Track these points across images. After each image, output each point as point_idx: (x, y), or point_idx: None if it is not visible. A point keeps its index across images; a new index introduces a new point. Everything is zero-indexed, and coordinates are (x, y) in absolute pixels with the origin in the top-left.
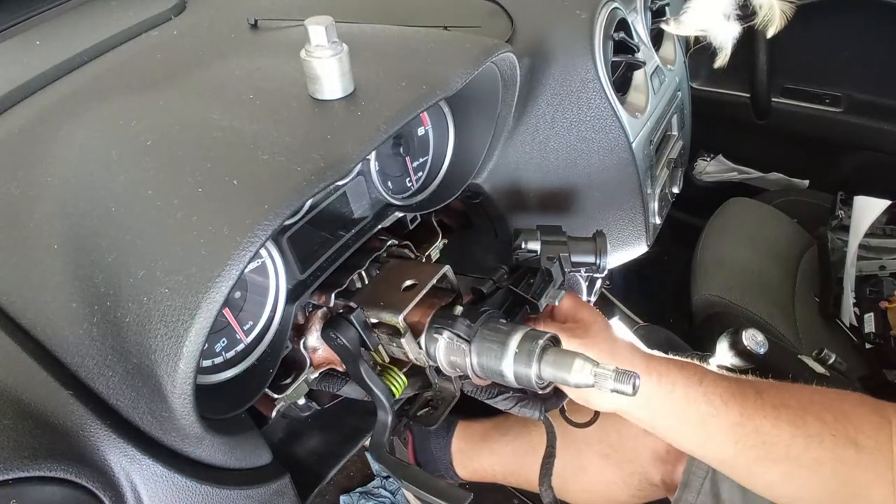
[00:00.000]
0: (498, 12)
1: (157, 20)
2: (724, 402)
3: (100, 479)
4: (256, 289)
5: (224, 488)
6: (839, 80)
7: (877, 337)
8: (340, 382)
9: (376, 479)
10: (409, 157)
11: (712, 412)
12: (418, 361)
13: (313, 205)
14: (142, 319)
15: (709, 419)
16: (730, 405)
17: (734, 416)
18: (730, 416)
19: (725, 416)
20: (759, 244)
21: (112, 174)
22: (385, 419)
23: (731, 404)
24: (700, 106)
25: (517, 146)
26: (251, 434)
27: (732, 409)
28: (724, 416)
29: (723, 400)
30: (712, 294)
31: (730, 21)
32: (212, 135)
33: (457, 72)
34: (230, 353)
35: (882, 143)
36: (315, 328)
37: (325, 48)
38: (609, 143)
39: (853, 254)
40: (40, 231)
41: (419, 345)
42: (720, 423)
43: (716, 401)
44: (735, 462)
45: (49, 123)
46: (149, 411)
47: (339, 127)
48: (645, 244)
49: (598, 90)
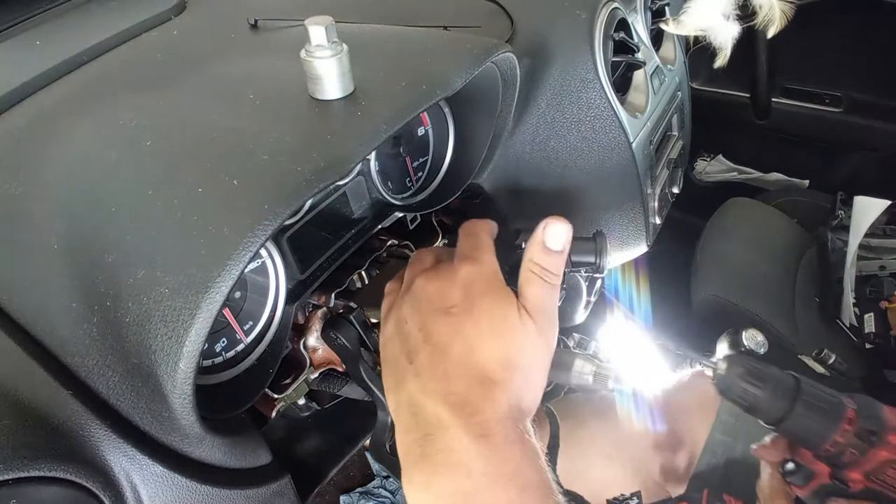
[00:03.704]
0: (498, 12)
1: (157, 20)
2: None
3: (100, 479)
4: (256, 289)
5: (224, 488)
6: (839, 80)
7: (877, 337)
8: (340, 382)
9: (376, 479)
10: (409, 157)
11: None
12: None
13: (313, 205)
14: (142, 319)
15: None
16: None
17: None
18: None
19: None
20: (759, 244)
21: (112, 174)
22: (385, 419)
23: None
24: (700, 106)
25: (517, 146)
26: (251, 434)
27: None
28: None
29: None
30: (712, 294)
31: (730, 21)
32: (212, 135)
33: (457, 72)
34: (230, 353)
35: (882, 143)
36: (315, 328)
37: (325, 48)
38: (609, 143)
39: (853, 254)
40: (40, 231)
41: None
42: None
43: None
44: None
45: (49, 123)
46: (149, 411)
47: (339, 127)
48: (645, 244)
49: (598, 90)
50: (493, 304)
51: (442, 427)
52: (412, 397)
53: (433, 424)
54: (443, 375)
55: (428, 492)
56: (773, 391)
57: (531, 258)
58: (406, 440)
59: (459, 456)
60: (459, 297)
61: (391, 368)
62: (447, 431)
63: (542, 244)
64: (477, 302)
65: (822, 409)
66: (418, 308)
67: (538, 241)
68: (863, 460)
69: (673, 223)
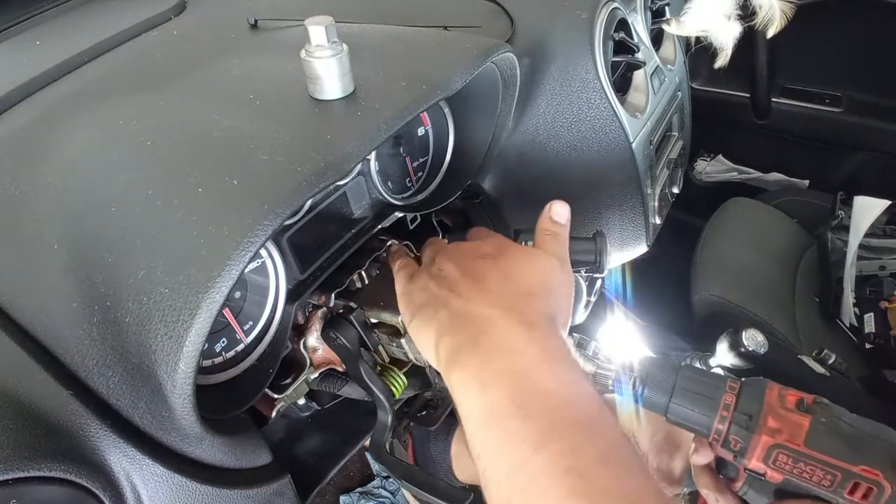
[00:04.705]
0: (498, 12)
1: (157, 20)
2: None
3: (100, 479)
4: (256, 289)
5: (224, 488)
6: (839, 80)
7: (877, 337)
8: (340, 382)
9: (376, 479)
10: (409, 157)
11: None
12: (418, 361)
13: (313, 205)
14: (142, 319)
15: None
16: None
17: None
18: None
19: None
20: (759, 244)
21: (112, 174)
22: (385, 419)
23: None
24: (700, 106)
25: (517, 146)
26: (251, 434)
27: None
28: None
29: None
30: (712, 294)
31: (730, 21)
32: (212, 135)
33: (457, 72)
34: (230, 353)
35: (882, 143)
36: (315, 328)
37: (325, 48)
38: (609, 143)
39: (853, 254)
40: (40, 231)
41: None
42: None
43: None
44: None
45: (49, 123)
46: (149, 411)
47: (339, 127)
48: (645, 244)
49: (598, 90)
50: (520, 250)
51: (492, 321)
52: (457, 311)
53: (482, 322)
54: (487, 291)
55: (481, 374)
56: (654, 386)
57: (543, 227)
58: (452, 343)
59: (511, 342)
60: (490, 249)
61: (426, 306)
62: (497, 323)
63: (549, 217)
64: (506, 250)
65: (697, 397)
66: (455, 257)
67: (546, 216)
68: (750, 448)
69: (673, 223)
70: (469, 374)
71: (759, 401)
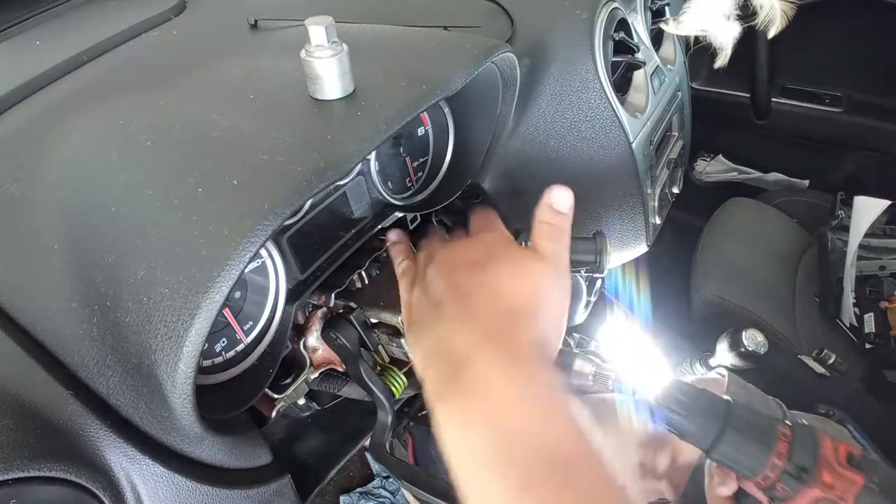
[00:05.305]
0: (498, 12)
1: (157, 20)
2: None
3: (100, 479)
4: (256, 289)
5: (224, 488)
6: (839, 80)
7: (877, 337)
8: (340, 382)
9: (376, 479)
10: (409, 157)
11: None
12: None
13: (313, 205)
14: (142, 319)
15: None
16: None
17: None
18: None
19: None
20: (759, 244)
21: (112, 174)
22: (385, 419)
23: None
24: (700, 106)
25: (517, 146)
26: (251, 434)
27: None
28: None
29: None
30: (712, 294)
31: (730, 21)
32: (212, 135)
33: (457, 72)
34: (230, 353)
35: (882, 143)
36: (315, 328)
37: (325, 48)
38: (609, 143)
39: (853, 254)
40: (40, 231)
41: None
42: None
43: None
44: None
45: (49, 123)
46: (149, 411)
47: (339, 127)
48: (645, 244)
49: (598, 90)
50: (512, 256)
51: (471, 358)
52: (441, 339)
53: (462, 358)
54: (471, 315)
55: (460, 414)
56: (701, 420)
57: (541, 218)
58: (434, 375)
59: (490, 379)
60: (481, 254)
61: (417, 324)
62: (476, 359)
63: (549, 206)
64: (497, 256)
65: (751, 440)
66: (443, 269)
67: (546, 204)
68: (796, 497)
69: (673, 223)
70: (448, 412)
71: (814, 453)
